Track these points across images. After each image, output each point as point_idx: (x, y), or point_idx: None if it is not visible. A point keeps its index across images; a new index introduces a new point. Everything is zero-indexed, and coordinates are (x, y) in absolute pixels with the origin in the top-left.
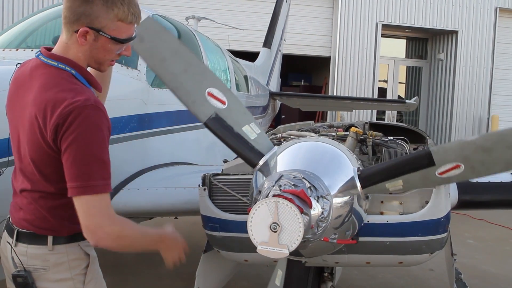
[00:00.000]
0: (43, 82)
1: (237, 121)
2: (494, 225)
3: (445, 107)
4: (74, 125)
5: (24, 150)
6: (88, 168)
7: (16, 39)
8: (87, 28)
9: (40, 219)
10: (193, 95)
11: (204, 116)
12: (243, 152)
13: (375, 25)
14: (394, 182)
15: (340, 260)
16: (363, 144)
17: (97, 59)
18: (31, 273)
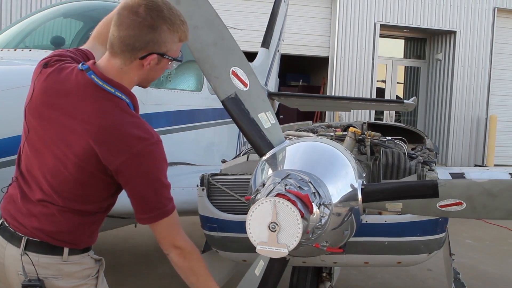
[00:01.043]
0: (103, 110)
1: (255, 107)
2: (492, 225)
3: (443, 107)
4: (145, 164)
5: (62, 167)
6: (160, 198)
7: (14, 39)
8: (155, 55)
9: (63, 232)
10: (217, 70)
11: (224, 94)
12: (254, 139)
13: (373, 25)
14: (394, 203)
15: (338, 260)
16: (361, 144)
17: (151, 79)
18: (44, 282)
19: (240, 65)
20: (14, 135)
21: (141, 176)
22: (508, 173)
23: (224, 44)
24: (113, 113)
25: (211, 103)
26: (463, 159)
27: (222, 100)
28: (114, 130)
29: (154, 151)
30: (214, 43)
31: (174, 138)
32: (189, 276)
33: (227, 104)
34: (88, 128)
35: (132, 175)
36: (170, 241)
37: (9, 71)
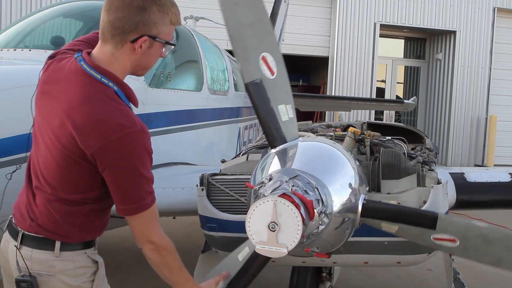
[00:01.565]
0: (85, 94)
1: (277, 97)
2: None
3: (443, 107)
4: (124, 153)
5: (49, 153)
6: (138, 189)
7: (14, 39)
8: (146, 37)
9: (52, 222)
10: (248, 52)
11: (249, 77)
12: (268, 129)
13: (373, 25)
14: (390, 225)
15: (338, 260)
16: (361, 144)
17: (145, 66)
18: (36, 279)
19: (271, 52)
20: (14, 135)
21: (119, 165)
22: (508, 173)
23: (261, 27)
24: (95, 98)
25: (211, 103)
26: (463, 159)
27: (246, 83)
28: (93, 115)
29: (135, 140)
30: (251, 24)
31: (174, 138)
32: (162, 270)
33: (250, 88)
34: (69, 112)
35: (109, 163)
36: (145, 236)
37: (9, 71)
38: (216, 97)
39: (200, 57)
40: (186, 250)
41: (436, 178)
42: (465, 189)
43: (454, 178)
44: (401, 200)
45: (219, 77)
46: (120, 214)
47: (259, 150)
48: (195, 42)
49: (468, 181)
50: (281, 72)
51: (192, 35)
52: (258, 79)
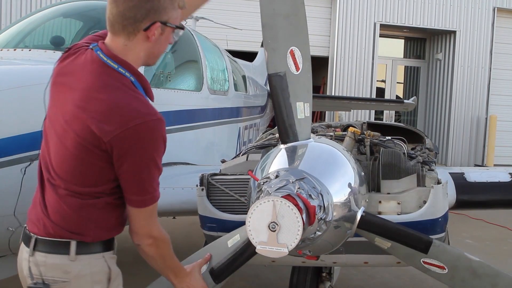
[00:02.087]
0: (102, 83)
1: (297, 94)
2: (492, 225)
3: (443, 107)
4: (143, 140)
5: (61, 144)
6: (152, 181)
7: (14, 39)
8: (158, 23)
9: (66, 218)
10: (277, 44)
11: (273, 69)
12: (282, 124)
13: (373, 25)
14: (384, 241)
15: (338, 260)
16: (361, 144)
17: (158, 53)
18: (50, 286)
19: (301, 47)
20: (14, 135)
21: (136, 153)
22: (508, 173)
23: (295, 20)
24: (112, 86)
25: (211, 103)
26: (463, 159)
27: (269, 74)
28: (111, 102)
29: (154, 129)
30: (286, 15)
31: (174, 138)
32: (157, 262)
33: (273, 80)
34: (85, 100)
35: (127, 150)
36: (147, 230)
37: (8, 71)
38: (216, 97)
39: (200, 57)
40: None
41: (436, 178)
42: (465, 189)
43: (454, 178)
44: (401, 200)
45: (219, 77)
46: (132, 205)
47: (259, 150)
48: (195, 42)
49: (468, 181)
50: (306, 70)
51: (192, 35)
52: (282, 72)
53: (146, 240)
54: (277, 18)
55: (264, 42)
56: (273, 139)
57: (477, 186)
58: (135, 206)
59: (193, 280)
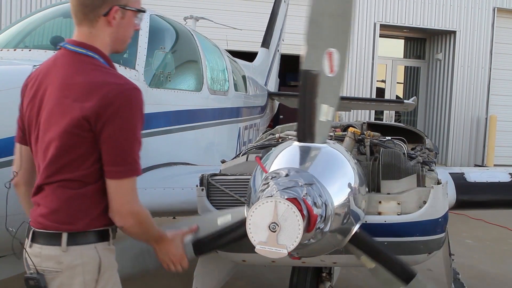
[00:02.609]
0: (76, 68)
1: (325, 96)
2: (492, 225)
3: (443, 107)
4: (122, 110)
5: (46, 138)
6: (133, 151)
7: (14, 39)
8: (117, 7)
9: (55, 212)
10: (318, 41)
11: (307, 65)
12: (303, 122)
13: (373, 25)
14: (370, 261)
15: (338, 260)
16: (361, 144)
17: (123, 38)
18: (43, 276)
19: (340, 50)
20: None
21: (116, 122)
22: (508, 173)
23: (341, 22)
24: (86, 69)
25: (211, 103)
26: (463, 159)
27: (303, 70)
28: (88, 81)
29: (132, 97)
30: (333, 15)
31: (174, 138)
32: (140, 236)
33: (305, 76)
34: (65, 89)
35: (106, 120)
36: (128, 208)
37: (8, 71)
38: (216, 97)
39: (200, 57)
40: None
41: (436, 178)
42: (465, 189)
43: (454, 178)
44: (401, 200)
45: (219, 77)
46: (111, 177)
47: (259, 151)
48: (195, 42)
49: (468, 181)
50: (339, 74)
51: (192, 35)
52: (316, 71)
53: (129, 221)
54: (324, 16)
55: (305, 37)
56: (273, 139)
57: (477, 186)
58: (114, 178)
59: (173, 248)
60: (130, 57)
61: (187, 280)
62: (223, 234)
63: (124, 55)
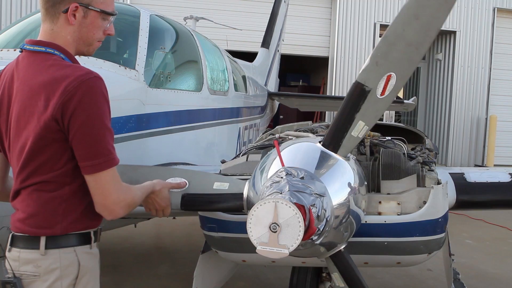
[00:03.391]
0: (35, 68)
1: (366, 114)
2: (492, 225)
3: (443, 107)
4: (85, 100)
5: (18, 144)
6: (105, 142)
7: (14, 39)
8: (76, 4)
9: (33, 216)
10: (383, 61)
11: (363, 79)
12: (334, 130)
13: (373, 25)
14: (341, 280)
15: None
16: (361, 144)
17: (87, 39)
18: (21, 280)
19: (399, 77)
20: None
21: (82, 114)
22: (508, 173)
23: (412, 52)
24: (46, 66)
25: (211, 103)
26: (463, 159)
27: (357, 81)
28: (50, 79)
29: (93, 85)
30: (409, 43)
31: (174, 138)
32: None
33: (356, 88)
34: (29, 88)
35: (72, 113)
36: (115, 199)
37: None
38: (216, 97)
39: (200, 57)
40: (186, 250)
41: (436, 178)
42: (465, 189)
43: (454, 178)
44: (401, 200)
45: (219, 77)
46: (87, 172)
47: (259, 151)
48: (195, 42)
49: (468, 181)
50: (388, 100)
51: (192, 35)
52: (369, 88)
53: (117, 212)
54: (401, 40)
55: (375, 50)
56: (273, 139)
57: (477, 187)
58: (91, 172)
59: (159, 198)
60: (130, 57)
61: (187, 280)
62: (215, 200)
63: (124, 55)
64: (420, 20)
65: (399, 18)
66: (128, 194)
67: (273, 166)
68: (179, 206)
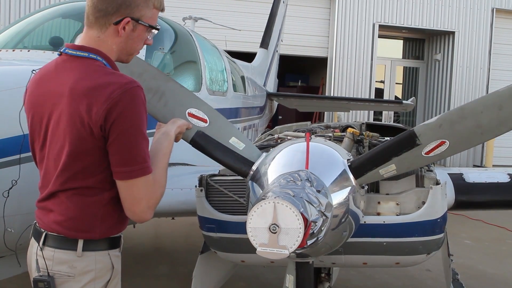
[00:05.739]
0: (79, 73)
1: (402, 161)
2: (490, 226)
3: (442, 108)
4: (129, 108)
5: (57, 146)
6: (142, 150)
7: (13, 40)
8: (129, 18)
9: (72, 219)
10: (447, 128)
11: (419, 132)
12: (372, 158)
13: (372, 26)
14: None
15: (337, 261)
16: (359, 145)
17: (130, 50)
18: (54, 279)
19: (451, 148)
20: (12, 136)
21: (122, 122)
22: (507, 174)
23: (477, 134)
24: (88, 72)
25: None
26: (461, 160)
27: (413, 130)
28: (92, 85)
29: (135, 94)
30: (479, 126)
31: None
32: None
33: (409, 136)
34: (70, 93)
35: (113, 121)
36: (145, 205)
37: (7, 72)
38: (215, 98)
39: (199, 57)
40: (185, 251)
41: (434, 178)
42: (463, 190)
43: (453, 178)
44: (400, 201)
45: (217, 78)
46: (119, 178)
47: None
48: (194, 43)
49: (466, 182)
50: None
51: (191, 36)
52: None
53: (145, 216)
54: (474, 119)
55: (445, 114)
56: (272, 139)
57: (476, 187)
58: (124, 178)
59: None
60: None
61: (186, 281)
62: (225, 152)
63: None
64: (502, 112)
65: (485, 99)
66: (156, 196)
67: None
68: (189, 139)
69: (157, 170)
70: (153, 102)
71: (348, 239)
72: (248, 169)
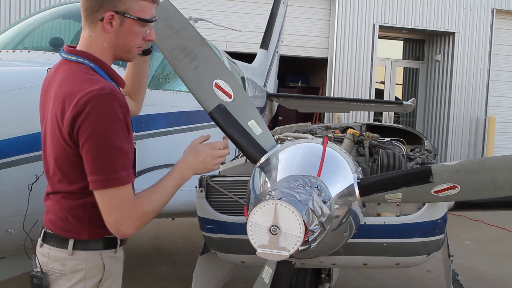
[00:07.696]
0: (63, 77)
1: (409, 191)
2: (491, 226)
3: (442, 109)
4: (91, 116)
5: (49, 150)
6: (110, 159)
7: (13, 41)
8: (112, 13)
9: (62, 220)
10: (463, 175)
11: (435, 170)
12: (377, 179)
13: (372, 27)
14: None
15: (337, 262)
16: (360, 145)
17: (124, 46)
18: (47, 276)
19: (460, 194)
20: (13, 137)
21: (89, 130)
22: None
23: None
24: (70, 76)
25: None
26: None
27: (430, 167)
28: (68, 92)
29: (102, 102)
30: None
31: (173, 139)
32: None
33: (425, 172)
34: (54, 98)
35: (80, 129)
36: (120, 217)
37: (7, 73)
38: None
39: None
40: (185, 252)
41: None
42: None
43: None
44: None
45: None
46: (92, 187)
47: None
48: None
49: None
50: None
51: None
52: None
53: (124, 231)
54: (491, 175)
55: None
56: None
57: None
58: (95, 188)
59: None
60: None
61: (186, 281)
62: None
63: None
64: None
65: (508, 158)
66: (136, 212)
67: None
68: (209, 110)
69: (149, 194)
70: (184, 63)
71: (348, 240)
72: (259, 156)
